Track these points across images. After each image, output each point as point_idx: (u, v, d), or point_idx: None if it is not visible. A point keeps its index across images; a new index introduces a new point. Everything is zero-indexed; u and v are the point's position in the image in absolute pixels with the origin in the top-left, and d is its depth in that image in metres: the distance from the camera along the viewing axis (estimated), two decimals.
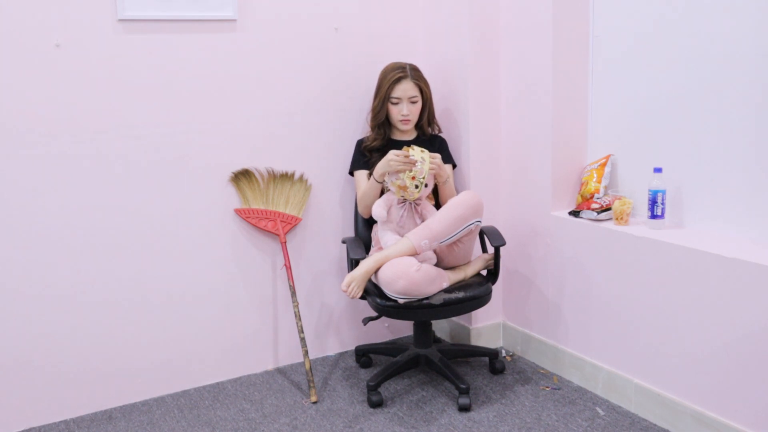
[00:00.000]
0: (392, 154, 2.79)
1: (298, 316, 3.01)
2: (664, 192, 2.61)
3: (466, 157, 3.17)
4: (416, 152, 2.78)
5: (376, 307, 2.78)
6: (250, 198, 3.05)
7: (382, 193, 2.98)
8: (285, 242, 3.06)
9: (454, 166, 3.18)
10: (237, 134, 3.01)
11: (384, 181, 2.89)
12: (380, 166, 2.84)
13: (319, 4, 3.09)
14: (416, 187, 2.76)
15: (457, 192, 3.08)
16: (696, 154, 2.57)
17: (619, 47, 2.83)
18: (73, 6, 2.64)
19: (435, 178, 2.90)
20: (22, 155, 2.64)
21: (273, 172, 3.09)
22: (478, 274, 2.96)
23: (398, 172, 2.78)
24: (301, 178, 3.15)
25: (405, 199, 2.86)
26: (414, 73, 3.00)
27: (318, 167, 3.20)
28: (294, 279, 3.13)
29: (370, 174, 3.00)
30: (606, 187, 2.88)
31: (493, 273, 2.97)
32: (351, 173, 3.14)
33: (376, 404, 2.84)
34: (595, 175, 2.89)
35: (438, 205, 3.02)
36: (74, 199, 2.74)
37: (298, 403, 2.91)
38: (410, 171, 2.75)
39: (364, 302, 3.22)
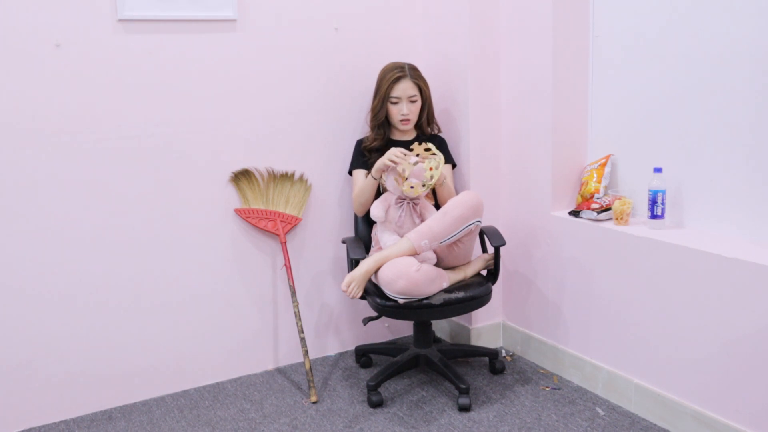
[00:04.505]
0: (394, 152, 2.79)
1: (298, 316, 3.01)
2: (664, 192, 2.61)
3: (466, 157, 3.17)
4: (434, 150, 2.80)
5: (376, 307, 2.78)
6: (250, 198, 3.06)
7: (379, 193, 2.98)
8: (285, 242, 3.06)
9: (454, 166, 3.18)
10: (237, 134, 3.01)
11: (381, 178, 2.89)
12: (380, 163, 2.84)
13: (319, 4, 3.10)
14: (422, 186, 2.76)
15: (457, 192, 3.08)
16: (696, 154, 2.57)
17: (619, 47, 2.83)
18: (73, 6, 2.64)
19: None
20: (22, 155, 2.64)
21: (273, 172, 3.09)
22: (478, 274, 2.96)
23: (396, 169, 2.79)
24: (301, 178, 3.15)
25: (403, 198, 2.86)
26: (413, 73, 3.00)
27: (318, 167, 3.20)
28: (294, 279, 3.13)
29: (368, 174, 3.00)
30: (606, 187, 2.88)
31: (493, 273, 2.97)
32: (350, 173, 3.14)
33: (376, 404, 2.84)
34: (595, 175, 2.89)
35: (437, 205, 3.02)
36: (74, 198, 2.74)
37: (298, 403, 2.91)
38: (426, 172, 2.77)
39: (364, 302, 3.22)
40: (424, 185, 2.77)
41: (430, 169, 2.76)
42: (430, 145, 2.85)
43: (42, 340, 2.75)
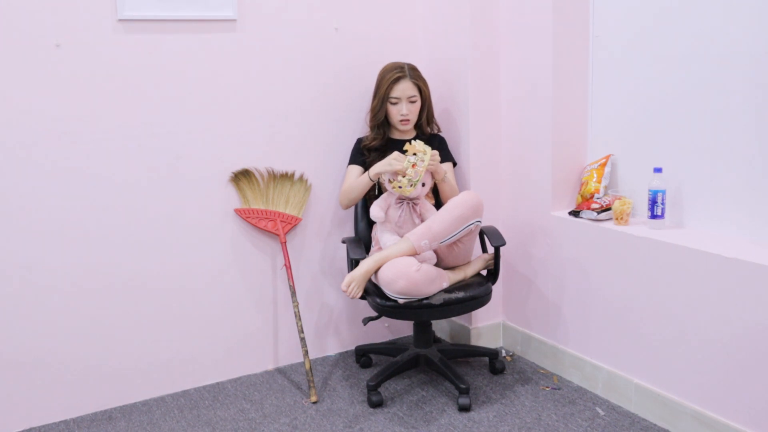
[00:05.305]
0: (394, 156, 2.79)
1: (298, 316, 3.01)
2: (664, 192, 2.61)
3: (466, 157, 3.17)
4: (419, 147, 2.79)
5: (376, 307, 2.78)
6: (250, 198, 3.06)
7: (379, 193, 2.98)
8: (285, 242, 3.06)
9: (455, 165, 3.18)
10: (237, 134, 3.01)
11: (380, 179, 2.89)
12: (379, 166, 2.84)
13: (320, 4, 3.10)
14: (411, 185, 2.76)
15: (459, 191, 3.08)
16: (696, 154, 2.57)
17: (619, 47, 2.83)
18: (73, 6, 2.64)
19: (432, 176, 2.90)
20: (22, 155, 2.64)
21: (273, 172, 3.09)
22: (478, 274, 2.96)
23: (396, 173, 2.79)
24: (301, 178, 3.15)
25: (402, 199, 2.86)
26: (412, 73, 3.00)
27: (318, 167, 3.20)
28: (294, 279, 3.13)
29: (364, 172, 3.00)
30: (606, 187, 2.88)
31: (493, 273, 2.97)
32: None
33: (376, 404, 2.84)
34: (595, 175, 2.89)
35: (438, 204, 3.02)
36: (74, 199, 2.74)
37: (298, 403, 2.91)
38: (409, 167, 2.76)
39: (364, 302, 3.22)
40: (412, 184, 2.76)
41: (413, 166, 2.75)
42: (417, 142, 2.83)
43: (42, 340, 2.75)
